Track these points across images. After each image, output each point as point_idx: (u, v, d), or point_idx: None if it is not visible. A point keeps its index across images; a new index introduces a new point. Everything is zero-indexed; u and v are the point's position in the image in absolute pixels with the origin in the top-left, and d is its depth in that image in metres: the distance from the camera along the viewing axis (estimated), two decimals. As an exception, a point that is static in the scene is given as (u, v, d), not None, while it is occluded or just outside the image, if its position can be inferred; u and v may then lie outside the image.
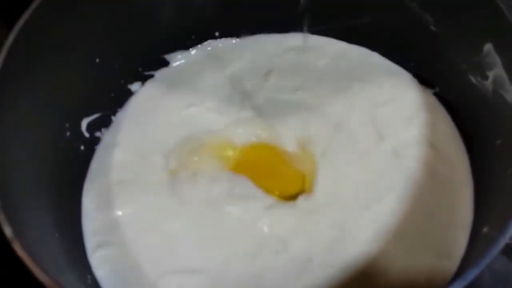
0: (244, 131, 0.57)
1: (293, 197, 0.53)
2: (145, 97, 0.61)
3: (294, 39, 0.64)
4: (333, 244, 0.49)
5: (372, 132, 0.56)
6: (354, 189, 0.52)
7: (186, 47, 0.64)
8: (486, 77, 0.50)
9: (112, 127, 0.59)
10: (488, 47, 0.48)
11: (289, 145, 0.57)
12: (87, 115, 0.57)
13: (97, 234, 0.52)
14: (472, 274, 0.34)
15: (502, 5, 0.45)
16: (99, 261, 0.51)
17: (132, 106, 0.61)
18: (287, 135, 0.57)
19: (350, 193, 0.52)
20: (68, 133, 0.54)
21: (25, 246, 0.37)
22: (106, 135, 0.59)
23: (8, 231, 0.38)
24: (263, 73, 0.62)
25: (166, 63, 0.63)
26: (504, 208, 0.41)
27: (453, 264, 0.48)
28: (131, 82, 0.61)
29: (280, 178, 0.55)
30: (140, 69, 0.62)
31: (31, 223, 0.43)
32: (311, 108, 0.58)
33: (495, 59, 0.48)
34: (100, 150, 0.58)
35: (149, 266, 0.50)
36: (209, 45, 0.64)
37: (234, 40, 0.65)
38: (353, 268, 0.48)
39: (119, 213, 0.53)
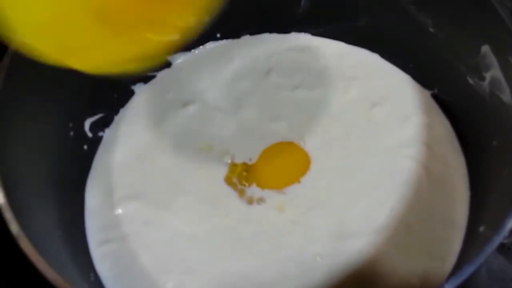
0: (243, 131, 0.58)
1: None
2: (146, 96, 0.62)
3: (294, 40, 0.65)
4: (329, 241, 0.50)
5: (368, 130, 0.57)
6: (349, 187, 0.53)
7: (187, 48, 0.64)
8: (483, 78, 0.50)
9: (114, 125, 0.60)
10: (485, 48, 0.49)
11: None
12: (91, 115, 0.57)
13: (100, 231, 0.53)
14: (467, 271, 0.35)
15: (498, 8, 0.46)
16: (102, 256, 0.51)
17: (133, 105, 0.61)
18: (285, 132, 0.57)
19: (345, 190, 0.53)
20: (71, 133, 0.54)
21: (31, 243, 0.38)
22: (107, 134, 0.59)
23: (14, 228, 0.38)
24: (263, 71, 0.62)
25: (168, 64, 0.64)
26: (499, 208, 0.42)
27: (447, 265, 0.48)
28: (134, 83, 0.62)
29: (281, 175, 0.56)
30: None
31: (36, 220, 0.44)
32: (309, 105, 0.59)
33: (492, 60, 0.48)
34: (102, 148, 0.58)
35: (150, 262, 0.50)
36: (210, 46, 0.65)
37: (235, 41, 0.66)
38: (349, 267, 0.48)
39: (122, 210, 0.54)
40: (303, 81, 0.61)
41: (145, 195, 0.54)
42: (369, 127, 0.57)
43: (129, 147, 0.58)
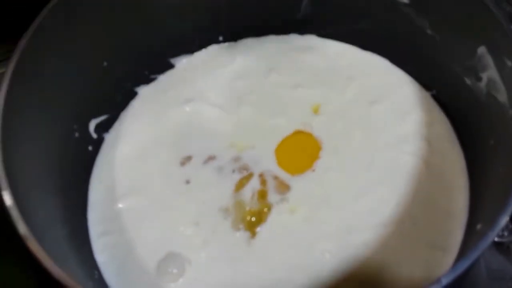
0: (242, 127, 0.59)
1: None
2: (148, 96, 0.63)
3: (295, 41, 0.66)
4: (332, 234, 0.51)
5: (369, 127, 0.58)
6: (350, 182, 0.54)
7: (190, 51, 0.65)
8: (480, 79, 0.51)
9: (117, 124, 0.61)
10: (481, 50, 0.49)
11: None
12: (95, 117, 0.58)
13: (101, 223, 0.54)
14: (462, 266, 0.35)
15: (494, 10, 0.47)
16: (101, 248, 0.53)
17: (136, 105, 0.63)
18: (284, 128, 0.58)
19: (346, 186, 0.54)
20: (76, 134, 0.55)
21: (39, 243, 0.38)
22: (111, 132, 0.60)
23: (22, 228, 0.39)
24: (264, 71, 0.63)
25: (171, 66, 0.65)
26: (495, 206, 0.42)
27: (449, 258, 0.49)
28: (138, 85, 0.63)
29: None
30: (146, 72, 0.63)
31: (42, 220, 0.44)
32: (310, 104, 0.60)
33: (488, 61, 0.49)
34: (105, 146, 0.59)
35: (149, 257, 0.51)
36: (213, 48, 0.66)
37: (237, 43, 0.67)
38: (353, 259, 0.49)
39: (122, 204, 0.55)
40: (303, 80, 0.62)
41: (146, 191, 0.55)
42: (369, 124, 0.58)
43: (131, 144, 0.59)
